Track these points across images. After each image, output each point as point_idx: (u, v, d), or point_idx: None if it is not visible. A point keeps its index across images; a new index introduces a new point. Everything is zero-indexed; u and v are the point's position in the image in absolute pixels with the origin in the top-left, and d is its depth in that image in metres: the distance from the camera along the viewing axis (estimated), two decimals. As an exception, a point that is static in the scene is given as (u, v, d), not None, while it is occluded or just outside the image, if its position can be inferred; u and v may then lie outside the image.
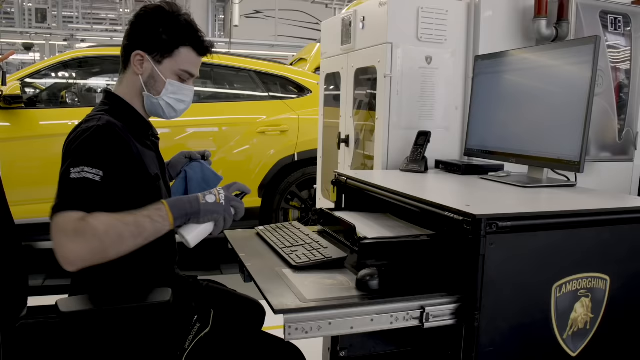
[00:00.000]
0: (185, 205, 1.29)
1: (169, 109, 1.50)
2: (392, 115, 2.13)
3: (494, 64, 1.89)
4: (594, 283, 1.29)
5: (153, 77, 1.46)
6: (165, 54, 1.45)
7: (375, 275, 1.19)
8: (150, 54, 1.44)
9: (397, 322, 1.14)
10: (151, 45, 1.43)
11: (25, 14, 15.24)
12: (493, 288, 1.16)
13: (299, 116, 4.14)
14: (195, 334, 1.40)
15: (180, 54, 1.46)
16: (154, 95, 1.47)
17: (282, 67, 4.49)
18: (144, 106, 1.50)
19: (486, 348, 1.18)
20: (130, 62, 1.46)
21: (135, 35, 1.45)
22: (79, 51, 4.26)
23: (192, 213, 1.29)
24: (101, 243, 1.17)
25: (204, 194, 1.33)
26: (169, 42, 1.44)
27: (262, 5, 15.17)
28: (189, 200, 1.30)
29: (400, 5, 2.10)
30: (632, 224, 1.33)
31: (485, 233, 1.13)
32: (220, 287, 1.72)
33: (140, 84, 1.46)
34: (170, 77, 1.47)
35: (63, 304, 1.22)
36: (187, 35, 1.45)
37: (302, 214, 4.30)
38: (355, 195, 1.80)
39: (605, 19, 2.18)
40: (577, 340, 1.29)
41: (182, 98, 1.51)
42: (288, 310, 1.06)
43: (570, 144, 1.53)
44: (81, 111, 4.04)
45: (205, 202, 1.31)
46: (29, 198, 3.43)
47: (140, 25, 1.45)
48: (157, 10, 1.45)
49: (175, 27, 1.44)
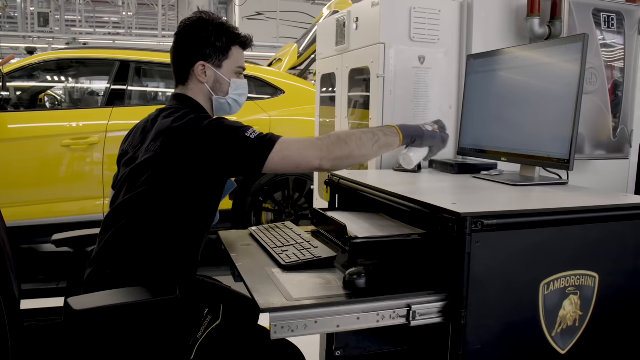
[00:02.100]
0: (412, 128, 1.60)
1: (235, 104, 1.65)
2: (385, 115, 2.14)
3: (486, 63, 1.89)
4: (583, 280, 1.29)
5: (218, 81, 1.60)
6: (223, 57, 1.58)
7: (362, 274, 1.20)
8: (209, 61, 1.57)
9: (383, 320, 1.15)
10: (208, 53, 1.56)
11: (28, 18, 15.31)
12: (479, 286, 1.17)
13: (270, 117, 4.13)
14: (207, 326, 1.48)
15: (233, 54, 1.60)
16: (222, 97, 1.61)
17: (254, 68, 4.46)
18: (212, 109, 1.63)
19: (473, 346, 1.18)
20: (190, 75, 1.58)
21: (190, 49, 1.57)
22: (50, 54, 4.26)
23: (417, 135, 1.60)
24: (347, 144, 1.45)
25: (423, 124, 1.64)
26: (223, 46, 1.57)
27: (263, 7, 15.21)
28: (414, 126, 1.62)
29: (392, 5, 2.11)
30: (621, 222, 1.34)
31: (471, 231, 1.14)
32: (216, 283, 1.74)
33: (207, 90, 1.59)
34: (231, 77, 1.61)
35: (75, 302, 1.22)
36: (233, 36, 1.60)
37: (276, 216, 4.26)
38: (349, 195, 1.81)
39: (599, 17, 2.18)
40: (566, 337, 1.29)
41: (243, 92, 1.66)
42: (274, 308, 1.08)
43: (560, 142, 1.54)
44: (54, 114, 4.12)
45: (426, 129, 1.62)
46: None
47: (192, 39, 1.57)
48: (200, 21, 1.57)
49: (223, 31, 1.57)
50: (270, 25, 14.97)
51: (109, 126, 3.77)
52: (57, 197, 3.77)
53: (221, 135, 1.40)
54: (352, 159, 1.48)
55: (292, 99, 4.30)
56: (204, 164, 1.39)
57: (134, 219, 1.43)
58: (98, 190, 3.77)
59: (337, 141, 1.45)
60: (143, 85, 4.20)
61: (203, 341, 1.45)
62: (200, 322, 1.48)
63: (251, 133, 1.41)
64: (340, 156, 1.44)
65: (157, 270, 1.42)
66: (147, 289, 1.30)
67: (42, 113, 4.35)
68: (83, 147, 3.74)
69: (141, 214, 1.43)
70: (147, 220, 1.43)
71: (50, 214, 3.71)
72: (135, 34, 15.84)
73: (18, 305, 1.49)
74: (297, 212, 4.30)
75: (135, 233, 1.43)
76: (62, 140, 3.70)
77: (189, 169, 1.40)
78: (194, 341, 1.44)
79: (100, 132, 3.77)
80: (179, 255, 1.46)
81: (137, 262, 1.42)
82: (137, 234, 1.43)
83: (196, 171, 1.40)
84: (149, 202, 1.43)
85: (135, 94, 4.16)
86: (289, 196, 4.26)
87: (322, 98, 2.92)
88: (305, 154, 1.42)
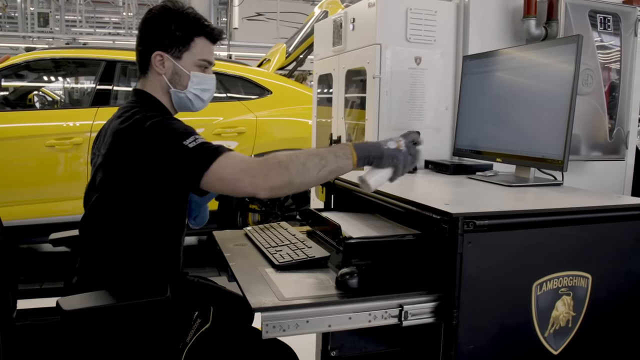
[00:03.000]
0: (369, 148, 1.34)
1: (197, 100, 1.55)
2: (381, 116, 2.14)
3: (482, 64, 1.90)
4: (576, 281, 1.29)
5: (177, 72, 1.50)
6: (183, 48, 1.49)
7: (354, 274, 1.20)
8: (168, 51, 1.48)
9: (375, 320, 1.15)
10: (167, 43, 1.48)
11: (28, 18, 15.32)
12: (471, 286, 1.17)
13: (257, 117, 4.10)
14: (197, 329, 1.45)
15: (196, 45, 1.50)
16: (180, 90, 1.52)
17: (241, 68, 4.44)
18: (172, 103, 1.55)
19: (466, 346, 1.18)
20: (150, 65, 1.50)
21: (149, 38, 1.50)
22: (33, 54, 4.20)
23: (375, 156, 1.32)
24: (287, 171, 1.26)
25: (385, 140, 1.36)
26: (184, 36, 1.48)
27: (263, 7, 15.21)
28: (372, 145, 1.35)
29: (388, 6, 2.11)
30: (614, 223, 1.34)
31: (463, 231, 1.14)
32: (210, 284, 1.74)
33: (165, 82, 1.50)
34: (192, 69, 1.51)
35: (65, 302, 1.23)
36: (198, 26, 1.50)
37: (263, 217, 4.23)
38: (344, 195, 1.81)
39: (595, 18, 2.18)
40: (558, 338, 1.29)
41: (207, 87, 1.56)
42: (265, 308, 1.08)
43: (555, 143, 1.54)
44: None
45: (387, 147, 1.34)
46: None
47: (152, 27, 1.50)
48: (163, 9, 1.50)
49: (186, 20, 1.49)
50: (270, 25, 14.97)
51: (93, 126, 3.73)
52: (40, 198, 3.74)
53: (158, 139, 1.32)
54: (292, 188, 1.30)
55: (280, 100, 4.27)
56: (144, 169, 1.33)
57: (99, 224, 1.42)
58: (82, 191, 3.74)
59: (276, 166, 1.26)
60: (130, 85, 4.18)
61: (192, 345, 1.43)
62: (190, 326, 1.45)
63: (191, 141, 1.29)
64: (278, 185, 1.27)
65: (134, 275, 1.40)
66: (137, 291, 1.30)
67: (26, 113, 4.28)
68: (67, 148, 3.71)
69: (104, 219, 1.41)
70: (110, 225, 1.41)
71: (31, 215, 3.67)
72: (135, 34, 15.80)
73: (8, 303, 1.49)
74: (284, 213, 4.26)
75: (104, 239, 1.42)
76: (46, 141, 3.67)
77: (134, 174, 1.35)
78: (182, 345, 1.42)
79: (85, 132, 3.73)
80: (152, 259, 1.44)
81: (111, 268, 1.41)
82: (105, 239, 1.42)
83: (140, 176, 1.35)
84: (106, 206, 1.40)
85: (121, 94, 4.11)
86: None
87: (319, 98, 2.92)
88: (239, 178, 1.27)
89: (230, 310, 1.65)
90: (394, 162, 1.33)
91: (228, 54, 12.54)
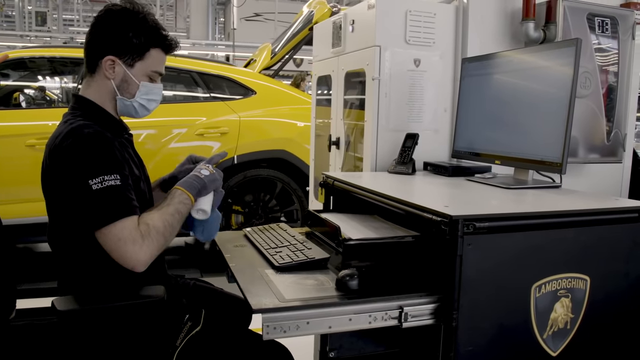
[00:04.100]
0: (194, 183, 1.43)
1: (142, 109, 1.51)
2: (380, 117, 2.15)
3: (481, 66, 1.90)
4: (574, 283, 1.30)
5: (126, 80, 1.45)
6: (137, 57, 1.44)
7: (355, 276, 1.21)
8: (121, 57, 1.43)
9: (375, 321, 1.15)
10: (122, 49, 1.43)
11: (26, 17, 15.28)
12: (471, 288, 1.17)
13: (239, 118, 4.05)
14: (187, 332, 1.43)
15: (150, 56, 1.46)
16: (127, 98, 1.47)
17: (225, 68, 4.39)
18: (116, 108, 1.49)
19: (465, 348, 1.19)
20: (99, 67, 1.44)
21: (103, 40, 1.43)
22: (15, 52, 4.11)
23: (201, 187, 1.43)
24: (164, 238, 1.32)
25: (198, 169, 1.47)
26: (140, 46, 1.44)
27: (261, 8, 15.21)
28: (193, 179, 1.44)
29: (388, 8, 2.12)
30: (612, 225, 1.35)
31: (463, 234, 1.15)
32: (208, 286, 1.73)
33: (113, 87, 1.45)
34: (142, 79, 1.47)
35: (60, 303, 1.24)
36: (156, 37, 1.46)
37: (246, 218, 4.18)
38: (344, 197, 1.81)
39: (593, 21, 2.19)
40: (557, 340, 1.30)
41: (154, 97, 1.52)
42: (266, 309, 1.08)
43: (553, 146, 1.55)
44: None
45: (204, 175, 1.45)
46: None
47: (108, 29, 1.44)
48: (123, 12, 1.44)
49: (144, 29, 1.44)
50: (269, 26, 14.96)
51: None
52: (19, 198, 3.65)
53: (67, 167, 1.29)
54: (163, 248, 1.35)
55: (264, 100, 4.20)
56: (56, 190, 1.33)
57: (56, 231, 1.41)
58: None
59: (155, 235, 1.28)
60: None
61: (182, 349, 1.40)
62: (180, 329, 1.43)
63: (96, 183, 1.26)
64: (156, 253, 1.30)
65: (101, 280, 1.38)
66: (109, 294, 1.31)
67: (6, 112, 4.11)
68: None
69: (57, 226, 1.40)
70: (63, 232, 1.39)
71: (9, 215, 3.56)
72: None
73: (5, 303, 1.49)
74: (268, 214, 4.21)
75: (63, 245, 1.41)
76: (26, 140, 3.59)
77: (53, 191, 1.35)
78: (172, 349, 1.39)
79: None
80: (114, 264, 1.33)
81: (78, 274, 1.40)
82: (64, 245, 1.41)
83: (57, 196, 1.34)
84: (55, 215, 1.40)
85: None
86: (259, 198, 4.18)
87: (318, 99, 2.93)
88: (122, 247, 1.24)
89: (226, 313, 1.65)
90: (216, 185, 1.47)
91: (226, 55, 12.53)
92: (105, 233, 1.25)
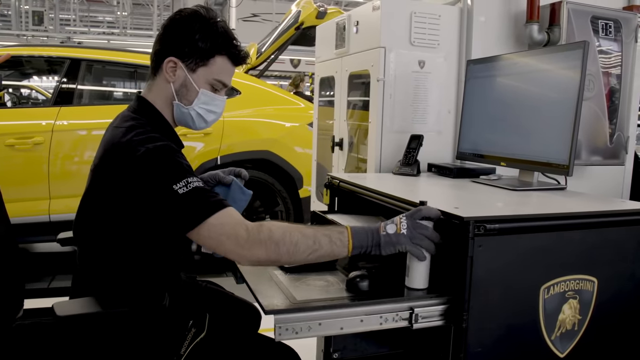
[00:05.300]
0: (367, 236, 1.21)
1: (199, 120, 1.44)
2: (385, 119, 2.15)
3: (485, 69, 1.91)
4: (582, 285, 1.31)
5: (185, 85, 1.39)
6: (201, 62, 1.38)
7: (365, 277, 1.21)
8: (184, 61, 1.37)
9: (386, 322, 1.15)
10: (186, 52, 1.36)
11: (22, 16, 15.22)
12: (481, 289, 1.18)
13: (223, 118, 3.99)
14: (191, 340, 1.38)
15: (215, 63, 1.39)
16: (184, 105, 1.40)
17: None
18: (173, 115, 1.43)
19: (475, 349, 1.19)
20: (161, 68, 1.39)
21: (169, 41, 1.38)
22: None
23: (372, 246, 1.21)
24: (277, 247, 1.17)
25: (385, 223, 1.22)
26: (206, 50, 1.37)
27: (259, 8, 15.20)
28: (371, 231, 1.21)
29: (393, 9, 2.12)
30: (619, 227, 1.35)
31: (473, 235, 1.15)
32: (218, 289, 1.72)
33: (172, 91, 1.39)
34: (203, 87, 1.40)
35: (59, 307, 1.22)
36: (224, 44, 1.39)
37: None
38: (348, 198, 1.82)
39: (597, 24, 2.20)
40: (565, 341, 1.30)
41: (214, 109, 1.45)
42: (278, 310, 1.08)
43: (560, 148, 1.55)
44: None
45: (385, 233, 1.20)
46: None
47: (175, 31, 1.38)
48: (193, 15, 1.38)
49: (213, 34, 1.37)
50: (266, 27, 14.95)
51: (55, 126, 3.58)
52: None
53: (147, 175, 1.21)
54: (278, 264, 1.28)
55: (249, 100, 4.12)
56: (129, 199, 1.24)
57: (91, 228, 1.36)
58: (44, 191, 3.58)
59: (267, 240, 1.17)
60: (95, 84, 4.05)
61: (187, 358, 1.35)
62: (184, 336, 1.37)
63: (181, 186, 1.19)
64: (263, 260, 1.18)
65: (127, 282, 1.34)
66: (131, 298, 1.29)
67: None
68: (28, 147, 3.55)
69: (94, 225, 1.35)
70: (100, 232, 1.34)
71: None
72: (129, 33, 15.79)
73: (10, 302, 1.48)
74: (252, 216, 4.12)
75: (95, 244, 1.36)
76: (5, 140, 3.52)
77: (120, 197, 1.26)
78: (177, 358, 1.34)
79: (46, 131, 3.57)
80: (146, 266, 1.35)
81: (104, 274, 1.35)
82: (96, 245, 1.36)
83: (125, 203, 1.26)
84: (96, 214, 1.33)
85: (86, 93, 3.93)
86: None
87: (320, 100, 2.93)
88: (224, 243, 1.19)
89: (233, 317, 1.63)
90: (397, 249, 1.20)
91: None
92: (201, 231, 1.18)
